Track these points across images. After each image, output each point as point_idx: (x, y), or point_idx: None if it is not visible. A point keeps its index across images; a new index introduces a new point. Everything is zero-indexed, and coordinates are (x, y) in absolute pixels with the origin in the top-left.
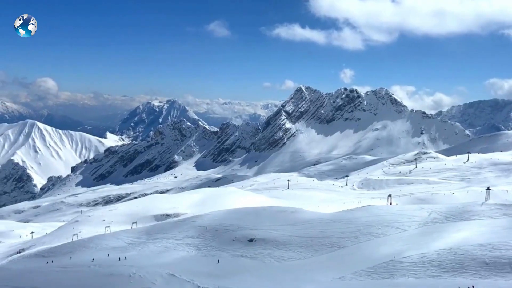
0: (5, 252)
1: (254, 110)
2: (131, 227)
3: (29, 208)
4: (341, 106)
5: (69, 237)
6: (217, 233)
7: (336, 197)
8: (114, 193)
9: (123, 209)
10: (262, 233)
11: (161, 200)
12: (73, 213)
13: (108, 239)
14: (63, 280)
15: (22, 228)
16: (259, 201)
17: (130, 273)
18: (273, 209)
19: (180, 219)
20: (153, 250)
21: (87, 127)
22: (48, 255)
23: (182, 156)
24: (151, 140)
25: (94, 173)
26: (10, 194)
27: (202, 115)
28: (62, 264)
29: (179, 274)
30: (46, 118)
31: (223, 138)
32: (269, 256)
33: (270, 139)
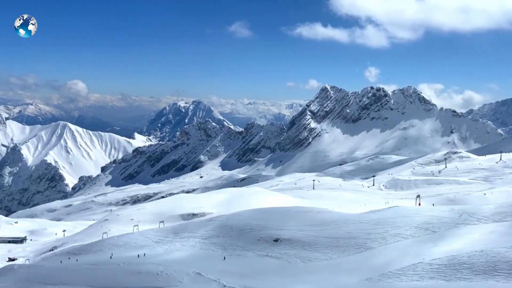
0: (38, 250)
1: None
2: (158, 226)
3: (61, 207)
4: (367, 105)
5: (99, 235)
6: (242, 233)
7: (362, 197)
8: (142, 193)
9: (150, 208)
10: (287, 233)
11: (187, 200)
12: (103, 212)
13: (136, 237)
14: (94, 277)
15: (54, 227)
16: (284, 201)
17: (157, 271)
18: (299, 209)
19: (206, 219)
20: (180, 249)
21: (116, 128)
22: (79, 252)
23: (207, 156)
24: (178, 141)
25: (123, 173)
26: (43, 193)
27: (227, 115)
28: (93, 261)
29: (205, 273)
30: (77, 119)
31: (248, 138)
32: (295, 257)
33: (295, 139)
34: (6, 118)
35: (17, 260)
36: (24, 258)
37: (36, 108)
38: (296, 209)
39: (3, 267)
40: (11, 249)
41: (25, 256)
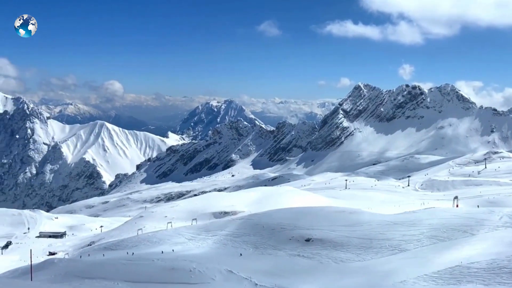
0: (77, 244)
1: (310, 108)
2: (191, 223)
3: (98, 203)
4: (402, 103)
5: (134, 232)
6: (273, 232)
7: (397, 198)
8: (175, 190)
9: (183, 206)
10: (319, 233)
11: (219, 198)
12: (138, 209)
13: (170, 234)
14: (129, 272)
15: (92, 222)
16: (316, 201)
17: (190, 268)
18: (331, 209)
19: (238, 217)
20: (212, 247)
21: (150, 127)
22: (115, 248)
23: (239, 155)
24: (210, 139)
25: (157, 171)
26: (82, 190)
27: (258, 114)
28: (128, 257)
29: (237, 271)
30: (114, 118)
31: (280, 137)
32: (327, 257)
33: (327, 138)
34: (48, 117)
35: (57, 254)
36: (63, 252)
37: (75, 108)
38: (328, 209)
39: (44, 261)
40: (52, 244)
41: (64, 250)
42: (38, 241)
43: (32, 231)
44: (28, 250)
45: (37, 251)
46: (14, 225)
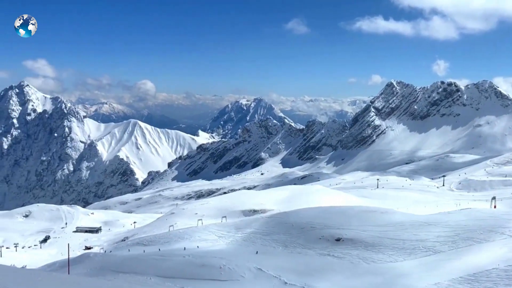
0: (111, 239)
1: (340, 106)
2: (221, 221)
3: (132, 200)
4: (437, 101)
5: (166, 228)
6: (303, 231)
7: (431, 198)
8: (205, 188)
9: (213, 203)
10: (350, 233)
11: (248, 196)
12: (170, 206)
13: (200, 231)
14: (161, 267)
15: (126, 218)
16: (346, 200)
17: (220, 264)
18: (362, 208)
19: (267, 215)
20: (242, 244)
21: (181, 125)
22: (148, 243)
23: (268, 154)
24: (239, 138)
25: (188, 169)
26: (116, 187)
27: (288, 113)
28: (160, 252)
29: (266, 269)
30: (146, 117)
31: (309, 135)
32: (357, 257)
33: (358, 136)
34: (84, 116)
35: (93, 249)
36: (99, 247)
37: (110, 107)
38: (359, 209)
39: (80, 255)
40: (88, 238)
41: (99, 245)
42: (74, 236)
43: (69, 226)
44: (65, 244)
45: (74, 246)
46: (53, 220)
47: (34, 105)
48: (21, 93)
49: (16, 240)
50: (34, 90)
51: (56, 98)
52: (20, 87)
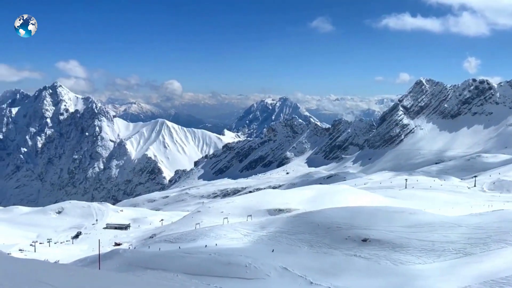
0: (140, 236)
1: (367, 105)
2: (246, 219)
3: (159, 197)
4: (468, 99)
5: (192, 226)
6: (329, 231)
7: (462, 199)
8: (231, 187)
9: (239, 202)
10: (377, 233)
11: (274, 195)
12: (196, 204)
13: (226, 229)
14: (188, 264)
15: (153, 216)
16: (373, 200)
17: (246, 263)
18: (389, 209)
19: (292, 215)
20: (267, 243)
21: (207, 125)
22: (175, 241)
23: (293, 153)
24: (265, 137)
25: (214, 168)
26: (144, 185)
27: (313, 112)
28: (187, 250)
29: (291, 269)
30: (174, 117)
31: (335, 134)
32: (385, 258)
33: (386, 135)
34: (114, 116)
35: (122, 245)
36: (128, 244)
37: (138, 106)
38: (387, 209)
39: (110, 251)
40: (117, 235)
41: (128, 241)
42: (104, 232)
43: (100, 223)
44: (96, 240)
45: (104, 242)
46: (84, 217)
47: (67, 105)
48: (54, 93)
49: (50, 235)
50: (67, 91)
51: (87, 98)
52: (54, 88)
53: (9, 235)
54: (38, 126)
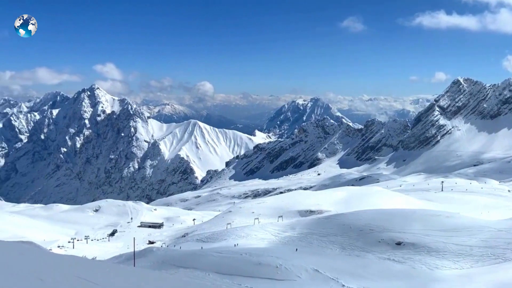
0: (172, 235)
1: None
2: (277, 220)
3: (191, 197)
4: (509, 98)
5: (223, 226)
6: (361, 233)
7: (502, 202)
8: (262, 187)
9: (270, 202)
10: (411, 237)
11: (305, 196)
12: (227, 204)
13: (257, 230)
14: (219, 264)
15: (186, 215)
16: (408, 203)
17: (277, 264)
18: (425, 212)
19: (324, 216)
20: (298, 245)
21: (238, 125)
22: (206, 240)
23: (325, 154)
24: (296, 138)
25: (245, 168)
26: (177, 185)
27: (345, 112)
28: (218, 249)
29: (323, 271)
30: (205, 117)
31: (368, 135)
32: (420, 262)
33: (421, 136)
34: (148, 117)
35: (155, 243)
36: (161, 242)
37: (171, 107)
38: (422, 212)
39: (144, 249)
40: (151, 233)
41: (162, 240)
42: (139, 230)
43: (134, 221)
44: (130, 238)
45: (138, 240)
46: (120, 215)
47: (104, 106)
48: (92, 95)
49: (87, 233)
50: (104, 93)
51: (123, 100)
52: (92, 90)
53: (50, 231)
54: (77, 127)
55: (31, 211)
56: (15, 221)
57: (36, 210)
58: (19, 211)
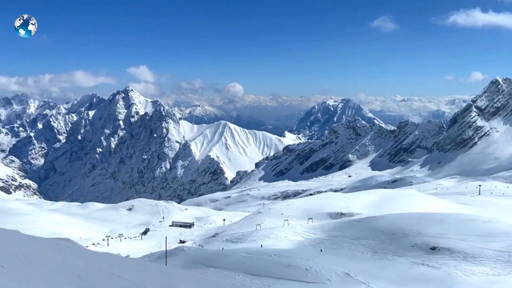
0: (203, 235)
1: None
2: (307, 222)
3: (221, 198)
4: None
5: (253, 226)
6: (394, 237)
7: None
8: (291, 189)
9: (299, 204)
10: (446, 241)
11: (335, 199)
12: (257, 205)
13: (286, 231)
14: (249, 265)
15: (216, 215)
16: (442, 207)
17: (306, 266)
18: (460, 216)
19: (355, 219)
20: (328, 247)
21: (268, 126)
22: (236, 240)
23: (356, 155)
24: (326, 139)
25: (274, 169)
26: (207, 185)
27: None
28: (248, 250)
29: (354, 274)
30: (235, 119)
31: (401, 137)
32: (455, 268)
33: (457, 138)
34: (179, 118)
35: (186, 243)
36: (191, 241)
37: (202, 109)
38: (458, 216)
39: (175, 248)
40: (182, 233)
41: (192, 239)
42: (170, 230)
43: (166, 220)
44: (162, 237)
45: (170, 239)
46: (152, 214)
47: (137, 108)
48: (126, 97)
49: (121, 231)
50: (137, 95)
51: (155, 102)
52: (126, 92)
53: (86, 229)
54: (112, 128)
55: (68, 209)
56: (53, 219)
57: (73, 208)
58: (57, 209)
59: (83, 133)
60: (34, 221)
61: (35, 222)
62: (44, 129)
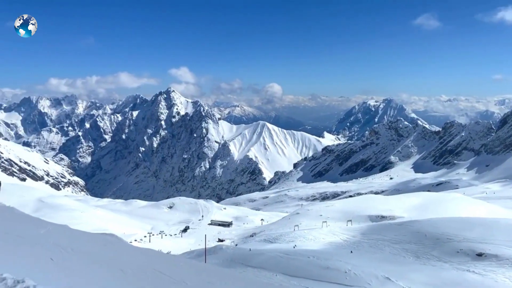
0: (241, 234)
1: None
2: (346, 224)
3: (259, 198)
4: None
5: (291, 227)
6: (438, 242)
7: None
8: (330, 190)
9: (338, 206)
10: (494, 248)
11: (376, 201)
12: (295, 206)
13: (325, 233)
14: (286, 265)
15: (254, 215)
16: (491, 211)
17: (345, 269)
18: (509, 221)
19: (397, 222)
20: (368, 250)
21: (307, 127)
22: (274, 241)
23: (398, 157)
24: (366, 140)
25: (313, 170)
26: (246, 185)
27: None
28: (285, 251)
29: (395, 279)
30: (274, 119)
31: (446, 138)
32: (503, 276)
33: (507, 140)
34: (219, 118)
35: (225, 241)
36: (230, 240)
37: (241, 109)
38: (507, 222)
39: (214, 246)
40: (220, 231)
41: (231, 238)
42: (209, 228)
43: (205, 219)
44: (201, 235)
45: (209, 237)
46: (191, 212)
47: (178, 108)
48: (168, 98)
49: (162, 228)
50: (178, 95)
51: (196, 102)
52: (168, 93)
53: (129, 225)
54: (154, 128)
55: (113, 205)
56: (99, 215)
57: (117, 205)
58: (103, 206)
59: (127, 132)
60: (81, 217)
61: (82, 218)
62: (91, 129)
